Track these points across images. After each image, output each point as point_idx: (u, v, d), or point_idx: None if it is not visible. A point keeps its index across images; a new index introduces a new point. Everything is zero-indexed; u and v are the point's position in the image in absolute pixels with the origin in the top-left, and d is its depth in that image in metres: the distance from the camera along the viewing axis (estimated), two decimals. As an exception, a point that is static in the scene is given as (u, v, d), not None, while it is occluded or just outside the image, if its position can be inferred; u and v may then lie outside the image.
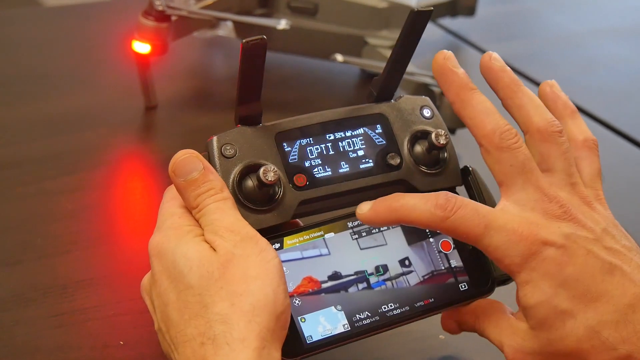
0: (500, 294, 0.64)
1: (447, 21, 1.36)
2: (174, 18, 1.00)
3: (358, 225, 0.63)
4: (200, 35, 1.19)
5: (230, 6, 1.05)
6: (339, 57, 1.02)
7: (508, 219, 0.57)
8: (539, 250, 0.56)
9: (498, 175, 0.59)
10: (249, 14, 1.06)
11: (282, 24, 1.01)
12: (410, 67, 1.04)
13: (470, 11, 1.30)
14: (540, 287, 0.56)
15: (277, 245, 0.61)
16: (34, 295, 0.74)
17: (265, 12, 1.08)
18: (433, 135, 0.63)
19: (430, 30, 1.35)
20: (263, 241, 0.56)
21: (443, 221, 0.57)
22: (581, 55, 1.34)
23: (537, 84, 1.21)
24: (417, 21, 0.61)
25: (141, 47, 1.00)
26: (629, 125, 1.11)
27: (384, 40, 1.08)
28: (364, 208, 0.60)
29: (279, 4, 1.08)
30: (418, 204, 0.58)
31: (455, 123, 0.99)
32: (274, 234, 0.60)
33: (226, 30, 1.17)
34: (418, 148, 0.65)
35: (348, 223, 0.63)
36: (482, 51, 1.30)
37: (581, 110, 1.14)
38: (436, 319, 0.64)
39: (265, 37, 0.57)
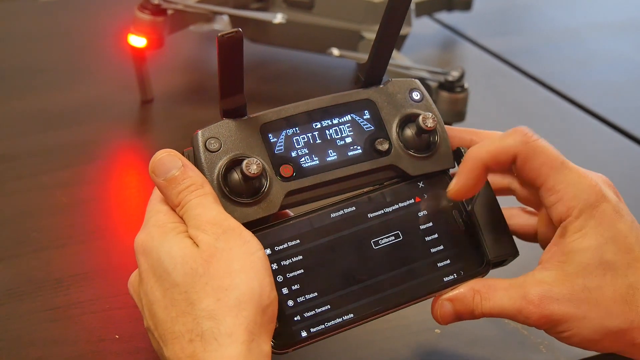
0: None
1: (443, 15, 1.36)
2: (170, 12, 1.00)
3: (347, 213, 0.62)
4: (196, 29, 1.19)
5: (226, 0, 1.04)
6: (335, 52, 1.02)
7: (578, 167, 0.61)
8: (600, 201, 0.59)
9: (557, 157, 0.61)
10: (245, 7, 1.06)
11: (278, 17, 1.01)
12: (406, 62, 1.04)
13: (466, 5, 1.30)
14: (592, 235, 0.59)
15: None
16: (28, 289, 0.74)
17: (261, 6, 1.08)
18: (420, 119, 0.63)
19: (427, 25, 1.35)
20: (247, 233, 0.56)
21: (525, 144, 0.60)
22: (577, 50, 1.34)
23: (533, 78, 1.21)
24: (397, 4, 0.61)
25: (137, 41, 1.00)
26: (625, 120, 1.11)
27: (380, 35, 1.07)
28: (451, 184, 0.62)
29: (275, -3, 1.08)
30: (496, 138, 0.61)
31: (450, 117, 0.99)
32: (261, 226, 0.60)
33: (222, 24, 1.17)
34: (407, 132, 0.64)
35: (337, 210, 0.62)
36: (479, 46, 1.31)
37: (577, 104, 1.15)
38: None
39: (240, 30, 0.56)
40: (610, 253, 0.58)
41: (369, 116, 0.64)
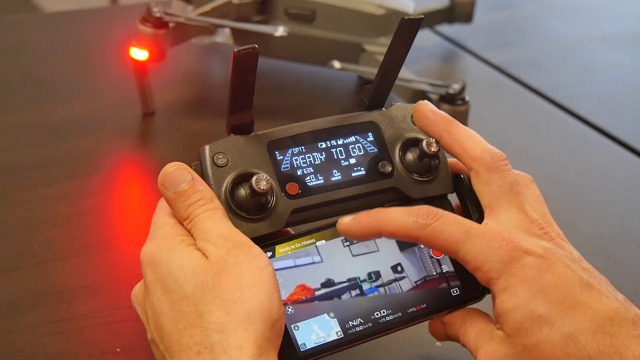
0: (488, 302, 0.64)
1: (444, 28, 1.36)
2: (171, 25, 1.00)
3: None
4: (197, 41, 1.19)
5: (227, 13, 1.05)
6: (337, 64, 1.02)
7: (489, 229, 0.58)
8: (519, 256, 0.57)
9: (485, 196, 0.61)
10: (246, 20, 1.06)
11: (280, 30, 1.01)
12: (407, 74, 1.04)
13: (467, 18, 1.30)
14: (518, 292, 0.57)
15: (270, 254, 0.61)
16: (31, 302, 0.74)
17: (263, 18, 1.08)
18: (424, 143, 0.64)
19: (427, 37, 1.35)
20: (256, 248, 0.57)
21: (424, 228, 0.58)
22: (578, 62, 1.34)
23: (534, 90, 1.21)
24: (407, 29, 0.61)
25: (139, 54, 1.00)
26: (625, 132, 1.11)
27: (382, 47, 1.08)
28: (346, 219, 0.60)
29: (276, 10, 1.08)
30: (400, 214, 0.59)
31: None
32: (266, 242, 0.61)
33: (224, 36, 1.18)
34: (410, 156, 0.65)
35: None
36: (480, 58, 1.31)
37: (577, 116, 1.15)
38: (433, 326, 0.65)
39: (257, 46, 0.57)
40: (542, 307, 0.56)
41: (372, 138, 0.65)
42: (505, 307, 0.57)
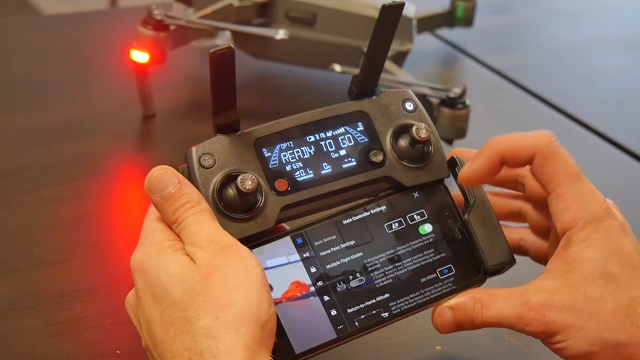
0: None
1: (445, 32, 1.36)
2: (172, 27, 1.00)
3: (343, 225, 0.63)
4: (198, 44, 1.19)
5: (228, 16, 1.05)
6: (337, 68, 1.02)
7: (588, 187, 0.61)
8: (606, 216, 0.60)
9: (573, 166, 0.61)
10: (247, 23, 1.06)
11: (280, 34, 1.01)
12: (407, 78, 1.04)
13: (467, 22, 1.31)
14: (597, 247, 0.59)
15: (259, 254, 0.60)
16: (31, 304, 0.74)
17: (264, 21, 1.08)
18: (414, 130, 0.63)
19: (428, 41, 1.35)
20: (244, 250, 0.56)
21: (549, 146, 0.61)
22: (578, 67, 1.34)
23: (534, 95, 1.21)
24: (388, 15, 0.61)
25: (139, 56, 1.00)
26: (625, 136, 1.11)
27: (382, 51, 1.08)
28: (463, 168, 0.63)
29: (277, 13, 1.08)
30: (522, 135, 0.62)
31: (452, 133, 0.99)
32: (257, 241, 0.60)
33: (224, 39, 1.18)
34: (401, 143, 0.64)
35: (332, 223, 0.63)
36: (480, 62, 1.31)
37: (578, 121, 1.15)
38: (433, 330, 0.64)
39: (232, 46, 0.57)
40: (614, 266, 0.58)
41: (362, 128, 0.64)
42: (580, 257, 0.59)
